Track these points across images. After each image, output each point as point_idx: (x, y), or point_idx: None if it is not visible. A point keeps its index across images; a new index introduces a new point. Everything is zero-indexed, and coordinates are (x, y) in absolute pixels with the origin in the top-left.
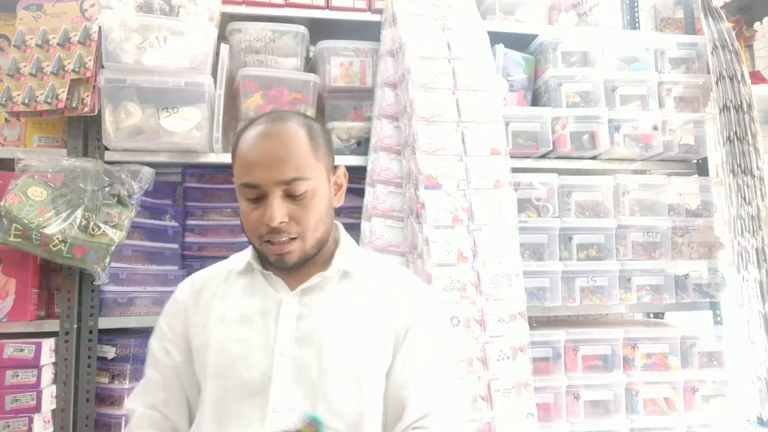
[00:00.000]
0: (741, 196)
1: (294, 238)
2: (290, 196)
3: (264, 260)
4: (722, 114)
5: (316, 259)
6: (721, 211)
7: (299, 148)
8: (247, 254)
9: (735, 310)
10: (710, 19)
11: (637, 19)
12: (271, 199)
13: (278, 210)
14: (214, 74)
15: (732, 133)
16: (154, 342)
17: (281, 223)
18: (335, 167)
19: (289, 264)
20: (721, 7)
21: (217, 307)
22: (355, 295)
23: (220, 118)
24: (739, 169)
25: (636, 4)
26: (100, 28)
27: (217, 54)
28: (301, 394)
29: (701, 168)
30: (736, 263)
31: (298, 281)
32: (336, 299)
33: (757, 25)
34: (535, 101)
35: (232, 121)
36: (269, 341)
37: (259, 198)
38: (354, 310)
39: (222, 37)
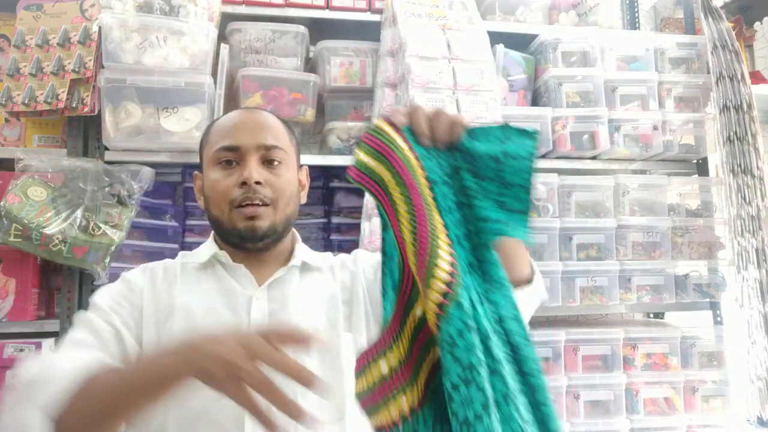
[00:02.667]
0: (741, 196)
1: (267, 205)
2: (267, 163)
3: (231, 249)
4: (722, 114)
5: (278, 253)
6: (721, 211)
7: (278, 125)
8: (208, 248)
9: (735, 310)
10: (710, 19)
11: (637, 19)
12: (249, 160)
13: (256, 169)
14: (214, 74)
15: (732, 133)
16: (85, 315)
17: (257, 183)
18: (301, 166)
19: (258, 232)
20: (721, 7)
21: (179, 298)
22: (319, 287)
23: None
24: (739, 169)
25: (636, 4)
26: (100, 28)
27: (217, 54)
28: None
29: (701, 168)
30: (736, 263)
31: (262, 276)
32: (303, 292)
33: (757, 25)
34: (535, 101)
35: None
36: None
37: (234, 163)
38: (321, 302)
39: (222, 37)
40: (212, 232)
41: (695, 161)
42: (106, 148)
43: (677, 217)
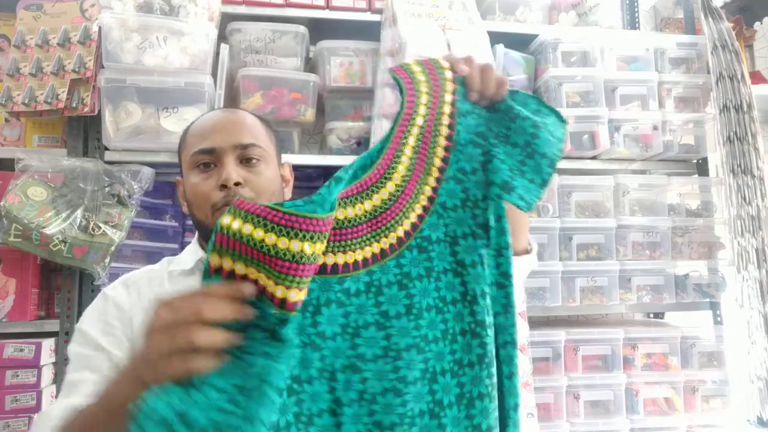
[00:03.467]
0: (741, 196)
1: None
2: (245, 162)
3: None
4: (722, 114)
5: None
6: (721, 211)
7: (254, 122)
8: (192, 253)
9: (735, 310)
10: (710, 19)
11: (637, 19)
12: (226, 161)
13: (234, 170)
14: (214, 74)
15: (732, 133)
16: (76, 347)
17: (236, 184)
18: (283, 164)
19: None
20: (721, 7)
21: None
22: None
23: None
24: (739, 169)
25: (636, 4)
26: (100, 28)
27: (217, 54)
28: None
29: (701, 168)
30: (736, 263)
31: None
32: None
33: (757, 25)
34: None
35: None
36: None
37: (212, 166)
38: None
39: (222, 37)
40: (196, 235)
41: (695, 161)
42: (106, 148)
43: (677, 217)
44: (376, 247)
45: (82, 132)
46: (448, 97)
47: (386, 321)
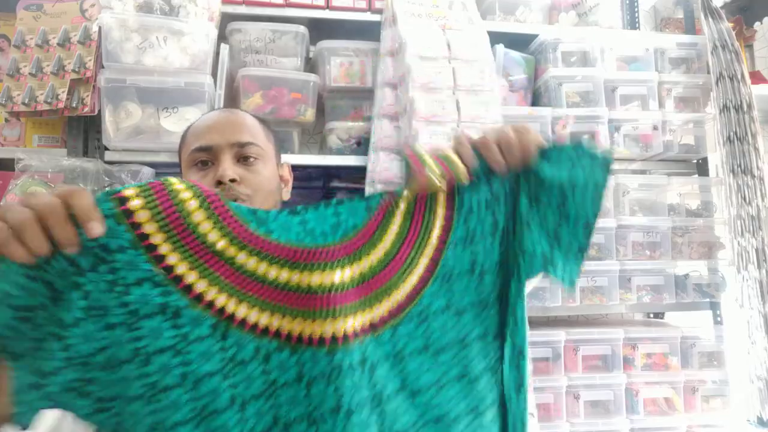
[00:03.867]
0: (741, 196)
1: (243, 200)
2: (242, 160)
3: None
4: (722, 114)
5: None
6: (721, 211)
7: (252, 122)
8: None
9: (735, 310)
10: (710, 19)
11: (637, 19)
12: (223, 158)
13: (230, 167)
14: (214, 74)
15: (732, 133)
16: None
17: (232, 180)
18: (282, 164)
19: None
20: (721, 7)
21: None
22: None
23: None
24: (739, 169)
25: (636, 4)
26: (100, 28)
27: (217, 54)
28: None
29: (701, 168)
30: (736, 263)
31: None
32: None
33: (757, 25)
34: (536, 101)
35: None
36: None
37: (210, 164)
38: None
39: (222, 37)
40: None
41: (695, 161)
42: (106, 148)
43: (677, 217)
44: (361, 318)
45: (82, 132)
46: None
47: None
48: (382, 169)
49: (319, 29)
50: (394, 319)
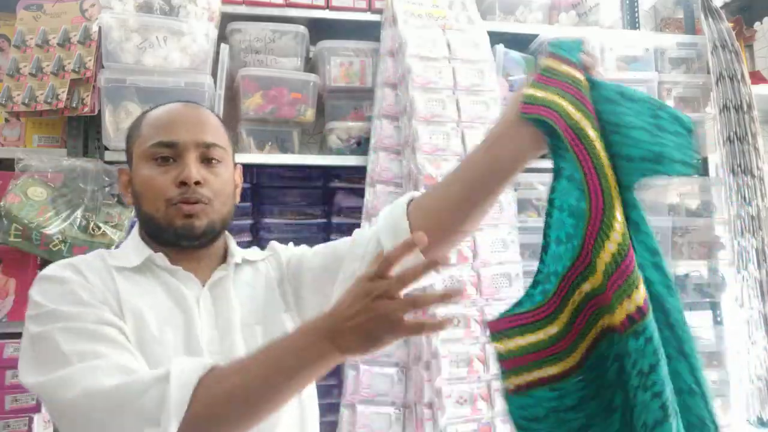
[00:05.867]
0: (741, 196)
1: (205, 204)
2: (205, 161)
3: (165, 250)
4: (722, 114)
5: (213, 253)
6: (721, 211)
7: (216, 122)
8: (137, 249)
9: (735, 310)
10: (710, 19)
11: (637, 19)
12: (188, 158)
13: (196, 168)
14: (214, 74)
15: (732, 133)
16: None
17: (196, 183)
18: (235, 165)
19: (197, 230)
20: (721, 7)
21: (128, 301)
22: (256, 277)
23: (220, 118)
24: (739, 169)
25: (636, 4)
26: (100, 28)
27: (217, 54)
28: None
29: (701, 168)
30: (736, 263)
31: (201, 276)
32: (243, 287)
33: (757, 25)
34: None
35: (232, 121)
36: (192, 342)
37: (171, 160)
38: (260, 291)
39: (222, 37)
40: (135, 230)
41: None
42: (106, 148)
43: (677, 217)
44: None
45: (82, 132)
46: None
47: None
48: (382, 169)
49: (319, 29)
50: None
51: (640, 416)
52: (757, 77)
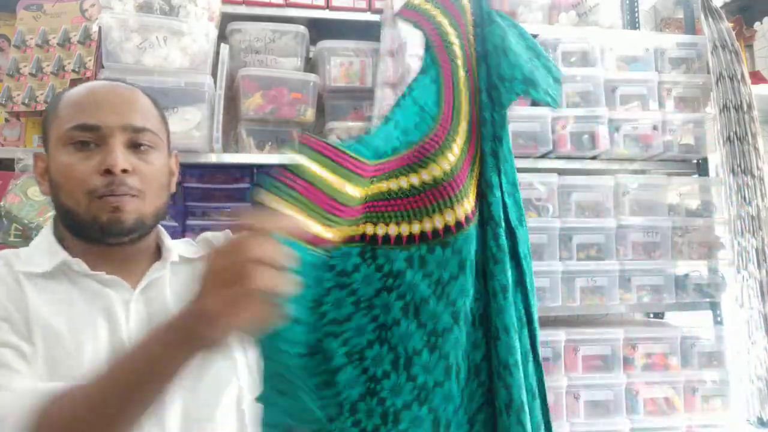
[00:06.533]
0: (741, 196)
1: (134, 196)
2: (133, 147)
3: (83, 247)
4: (722, 114)
5: (143, 249)
6: (721, 211)
7: (147, 103)
8: (48, 252)
9: (735, 310)
10: (710, 19)
11: (637, 19)
12: (113, 144)
13: (122, 154)
14: (214, 74)
15: (732, 133)
16: None
17: (124, 171)
18: (171, 152)
19: (125, 225)
20: (721, 7)
21: (34, 313)
22: (193, 276)
23: (220, 118)
24: (739, 169)
25: (636, 4)
26: (100, 28)
27: (217, 54)
28: (179, 402)
29: (701, 168)
30: (736, 263)
31: (131, 276)
32: (180, 287)
33: (757, 25)
34: (536, 101)
35: (232, 121)
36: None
37: (93, 145)
38: None
39: (222, 37)
40: (48, 227)
41: (695, 161)
42: None
43: (677, 217)
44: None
45: None
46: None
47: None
48: None
49: (319, 29)
50: None
51: (427, 322)
52: (757, 77)
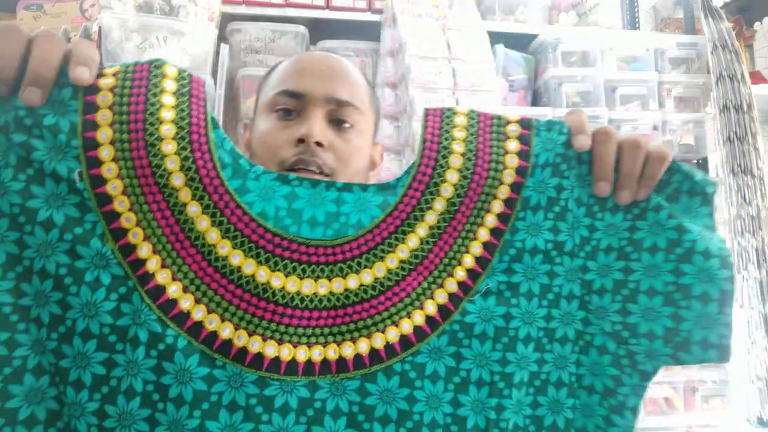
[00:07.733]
0: (741, 196)
1: (326, 174)
2: (334, 122)
3: None
4: (722, 114)
5: None
6: (721, 211)
7: (358, 79)
8: None
9: (735, 310)
10: (710, 19)
11: (637, 19)
12: (313, 113)
13: (321, 126)
14: (214, 74)
15: (732, 133)
16: None
17: (318, 145)
18: (376, 143)
19: None
20: (721, 7)
21: None
22: None
23: (220, 118)
24: (739, 169)
25: (636, 4)
26: (100, 28)
27: (217, 54)
28: None
29: (701, 168)
30: (736, 263)
31: None
32: None
33: (757, 25)
34: (535, 101)
35: (232, 121)
36: None
37: (295, 114)
38: None
39: (222, 37)
40: None
41: (695, 161)
42: None
43: None
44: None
45: None
46: (512, 145)
47: None
48: (383, 169)
49: (319, 29)
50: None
51: None
52: (757, 77)
